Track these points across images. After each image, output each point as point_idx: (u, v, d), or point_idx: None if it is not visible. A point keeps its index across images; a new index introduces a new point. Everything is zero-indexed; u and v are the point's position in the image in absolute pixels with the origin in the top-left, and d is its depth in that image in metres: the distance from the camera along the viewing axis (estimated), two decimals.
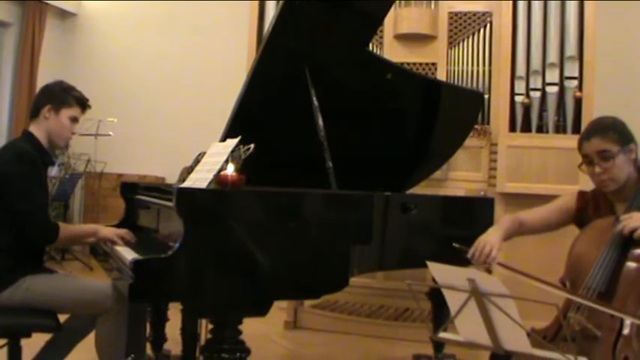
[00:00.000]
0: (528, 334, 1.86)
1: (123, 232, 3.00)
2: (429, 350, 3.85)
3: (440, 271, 1.95)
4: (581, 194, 2.66)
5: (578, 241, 2.46)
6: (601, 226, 2.41)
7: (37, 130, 2.98)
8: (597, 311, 2.15)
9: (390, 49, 5.42)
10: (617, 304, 2.21)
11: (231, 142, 2.54)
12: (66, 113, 2.99)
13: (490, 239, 2.48)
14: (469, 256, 2.48)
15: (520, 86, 5.02)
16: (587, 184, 2.58)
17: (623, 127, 2.50)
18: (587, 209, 2.59)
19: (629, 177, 2.46)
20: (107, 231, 3.01)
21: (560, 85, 4.93)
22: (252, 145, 2.51)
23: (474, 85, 5.25)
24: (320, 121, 3.15)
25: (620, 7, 6.05)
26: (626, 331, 2.15)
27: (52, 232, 2.85)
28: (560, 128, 4.94)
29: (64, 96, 3.00)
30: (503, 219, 2.67)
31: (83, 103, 3.06)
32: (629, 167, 2.46)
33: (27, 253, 2.87)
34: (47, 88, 3.06)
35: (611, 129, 2.46)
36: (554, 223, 2.68)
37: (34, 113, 3.00)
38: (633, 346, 2.13)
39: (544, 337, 2.28)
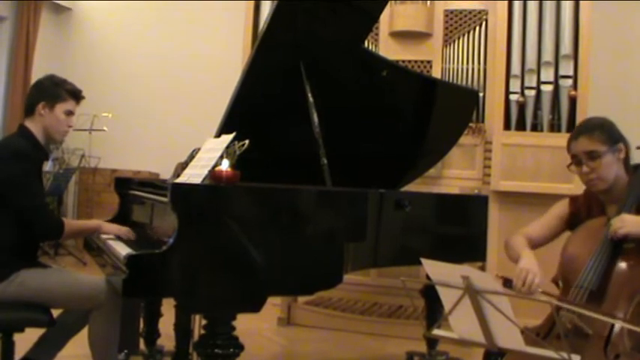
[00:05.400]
0: (522, 332, 1.87)
1: (126, 229, 3.01)
2: (422, 347, 3.86)
3: (434, 268, 1.95)
4: (573, 200, 2.66)
5: (570, 242, 2.48)
6: (592, 227, 2.43)
7: (33, 126, 2.95)
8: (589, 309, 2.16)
9: (385, 47, 5.42)
10: (609, 302, 2.22)
11: (226, 138, 2.54)
12: (61, 108, 2.96)
13: (531, 267, 2.35)
14: (514, 287, 2.33)
15: (515, 84, 5.03)
16: (581, 184, 2.58)
17: (611, 126, 2.49)
18: (580, 213, 2.60)
19: (618, 177, 2.46)
20: (111, 227, 3.02)
21: (555, 83, 4.94)
22: (246, 141, 2.51)
23: (469, 83, 5.25)
24: (315, 118, 3.15)
25: (615, 6, 6.07)
26: (617, 328, 2.16)
27: (58, 228, 2.86)
28: (554, 127, 4.95)
29: (57, 91, 2.97)
30: (517, 241, 2.57)
31: (77, 95, 3.04)
32: (618, 167, 2.46)
33: (21, 247, 2.86)
34: (39, 84, 3.03)
35: (599, 129, 2.46)
36: (555, 232, 2.65)
37: (29, 111, 2.96)
38: (624, 344, 2.14)
39: (537, 335, 2.29)
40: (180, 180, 2.59)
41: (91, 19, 8.84)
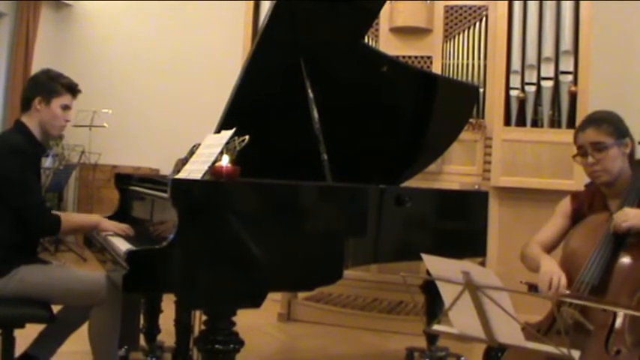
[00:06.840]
0: (523, 327, 1.87)
1: (125, 226, 3.01)
2: (422, 343, 3.85)
3: (434, 264, 1.95)
4: (575, 196, 2.67)
5: (572, 237, 2.48)
6: (594, 222, 2.43)
7: (30, 121, 2.95)
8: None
9: (385, 42, 5.42)
10: (611, 297, 2.23)
11: (226, 134, 2.54)
12: (57, 102, 2.95)
13: (555, 269, 2.35)
14: (540, 290, 2.36)
15: (515, 80, 5.03)
16: (581, 179, 2.59)
17: (619, 121, 2.52)
18: (582, 208, 2.60)
19: (622, 171, 2.47)
20: (109, 224, 3.01)
21: (556, 79, 4.94)
22: (246, 137, 2.50)
23: (470, 78, 5.25)
24: (315, 114, 3.14)
25: (615, 2, 6.06)
26: (618, 323, 2.16)
27: (54, 225, 2.86)
28: (554, 122, 4.95)
29: (52, 85, 2.96)
30: (532, 249, 2.57)
31: (73, 89, 3.03)
32: (623, 161, 2.47)
33: (21, 244, 2.86)
34: (35, 79, 3.02)
35: (607, 122, 2.48)
36: (564, 231, 2.63)
37: (25, 106, 2.96)
38: (626, 340, 2.15)
39: (537, 331, 2.29)
40: (180, 176, 2.59)
41: (90, 15, 8.83)
